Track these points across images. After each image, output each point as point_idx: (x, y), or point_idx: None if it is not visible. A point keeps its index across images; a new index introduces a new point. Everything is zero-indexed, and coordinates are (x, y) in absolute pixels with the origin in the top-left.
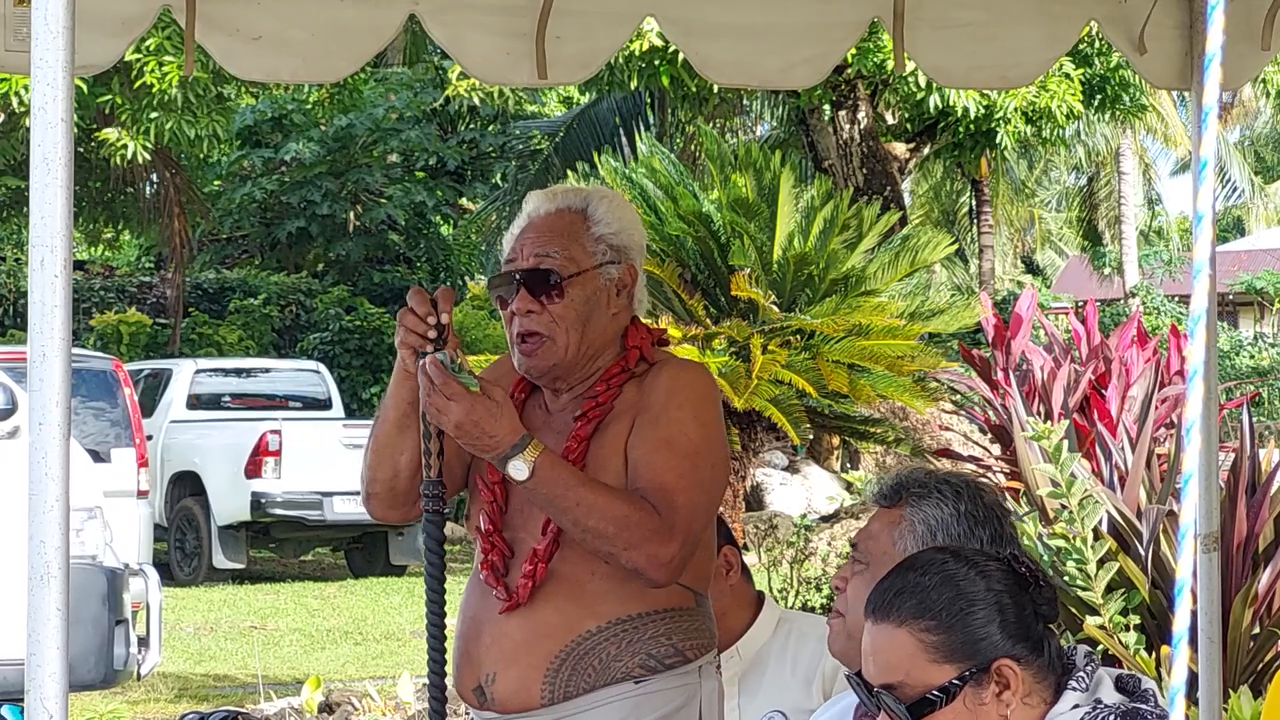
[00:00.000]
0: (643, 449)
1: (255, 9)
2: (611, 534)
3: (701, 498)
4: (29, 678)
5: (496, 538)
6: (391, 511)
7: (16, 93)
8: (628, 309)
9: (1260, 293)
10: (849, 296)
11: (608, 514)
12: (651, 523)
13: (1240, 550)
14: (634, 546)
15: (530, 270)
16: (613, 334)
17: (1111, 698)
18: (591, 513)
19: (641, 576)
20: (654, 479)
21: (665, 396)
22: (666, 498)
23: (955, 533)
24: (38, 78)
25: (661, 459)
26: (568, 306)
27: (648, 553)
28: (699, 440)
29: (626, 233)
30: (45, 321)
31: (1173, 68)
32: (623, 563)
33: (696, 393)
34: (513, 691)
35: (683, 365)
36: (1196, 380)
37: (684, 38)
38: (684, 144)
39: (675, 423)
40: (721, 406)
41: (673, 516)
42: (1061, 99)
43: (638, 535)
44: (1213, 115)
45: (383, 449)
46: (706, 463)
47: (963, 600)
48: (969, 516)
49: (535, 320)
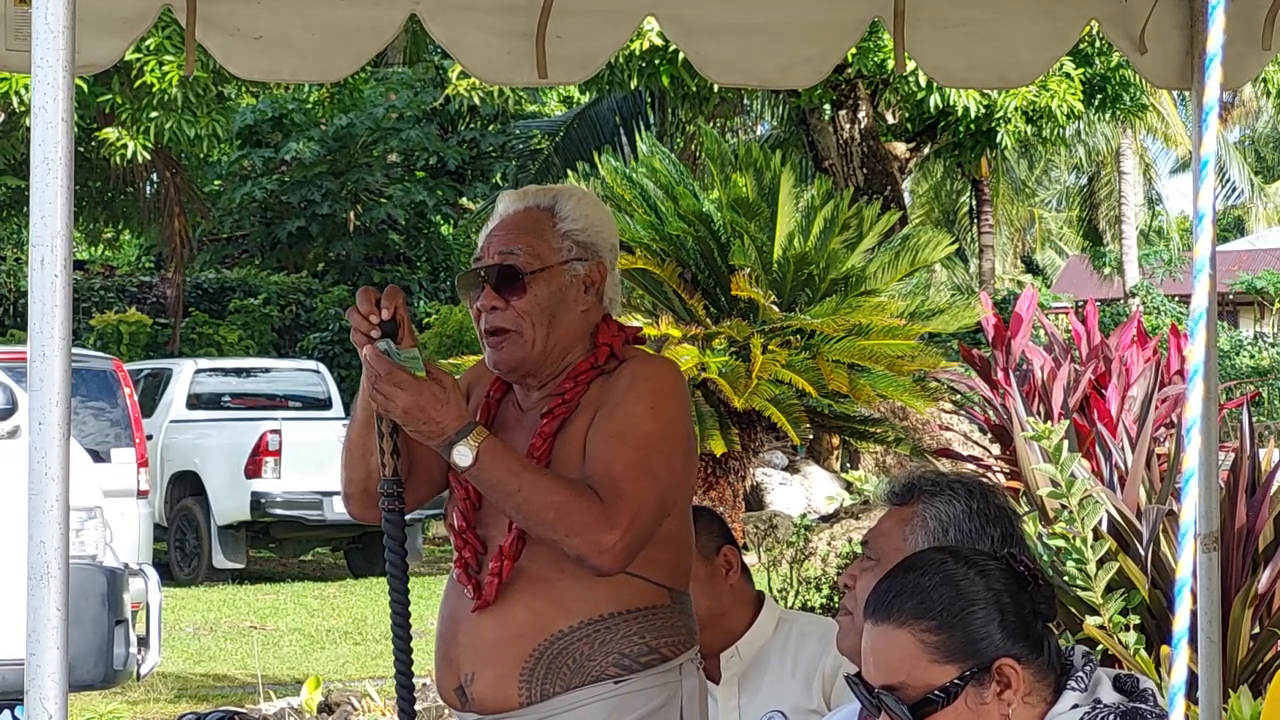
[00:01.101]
0: (596, 440)
1: (256, 8)
2: (552, 519)
3: (651, 488)
4: (29, 678)
5: (469, 534)
6: (369, 512)
7: (16, 92)
8: (597, 306)
9: (1260, 293)
10: (849, 296)
11: (547, 500)
12: (592, 509)
13: (1240, 550)
14: (574, 533)
15: (494, 267)
16: (581, 330)
17: (1111, 697)
18: (532, 498)
19: (585, 563)
20: (602, 468)
21: (625, 390)
22: (612, 485)
23: (967, 529)
24: (38, 77)
25: (612, 449)
26: (532, 302)
27: (588, 539)
28: (654, 432)
29: (594, 230)
30: (45, 321)
31: (1173, 67)
32: (566, 550)
33: (656, 386)
34: (491, 692)
35: (648, 360)
36: (1196, 380)
37: (684, 37)
38: (684, 144)
39: (630, 415)
40: (687, 401)
41: (616, 503)
42: (1062, 98)
43: (578, 521)
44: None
45: (354, 449)
46: (661, 454)
47: (963, 600)
48: (980, 514)
49: (501, 316)
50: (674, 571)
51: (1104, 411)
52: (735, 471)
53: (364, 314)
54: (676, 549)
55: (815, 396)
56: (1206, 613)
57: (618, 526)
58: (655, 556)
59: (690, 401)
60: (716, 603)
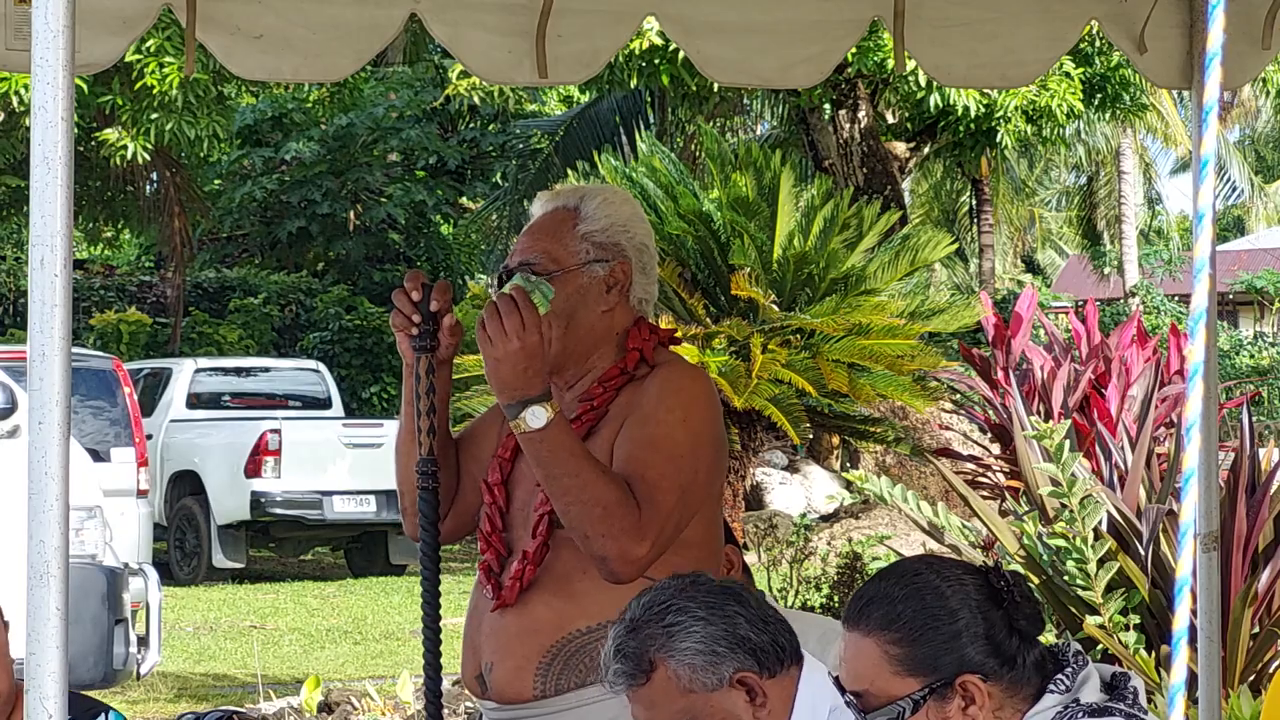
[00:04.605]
0: (628, 446)
1: (256, 7)
2: (596, 515)
3: (678, 501)
4: (29, 677)
5: (495, 538)
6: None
7: (16, 92)
8: (623, 306)
9: (1260, 292)
10: (849, 296)
11: (600, 495)
12: (632, 518)
13: (1240, 550)
14: (610, 536)
15: (512, 269)
16: (604, 331)
17: (1091, 697)
18: (586, 488)
19: (606, 566)
20: (637, 473)
21: (657, 399)
22: (649, 496)
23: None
24: (38, 77)
25: (646, 456)
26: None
27: (621, 546)
28: (686, 445)
29: (618, 230)
30: (45, 321)
31: (1173, 67)
32: (594, 548)
33: (689, 396)
34: (507, 682)
35: (680, 368)
36: (1196, 380)
37: (685, 36)
38: (684, 143)
39: (663, 425)
40: (719, 413)
41: (651, 516)
42: (1062, 98)
43: (618, 527)
44: (1213, 115)
45: (401, 459)
46: (691, 468)
47: (927, 614)
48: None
49: None
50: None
51: (1104, 411)
52: (735, 471)
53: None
54: (703, 555)
55: (815, 396)
56: (1206, 613)
57: (648, 539)
58: (678, 562)
59: (719, 408)
60: None
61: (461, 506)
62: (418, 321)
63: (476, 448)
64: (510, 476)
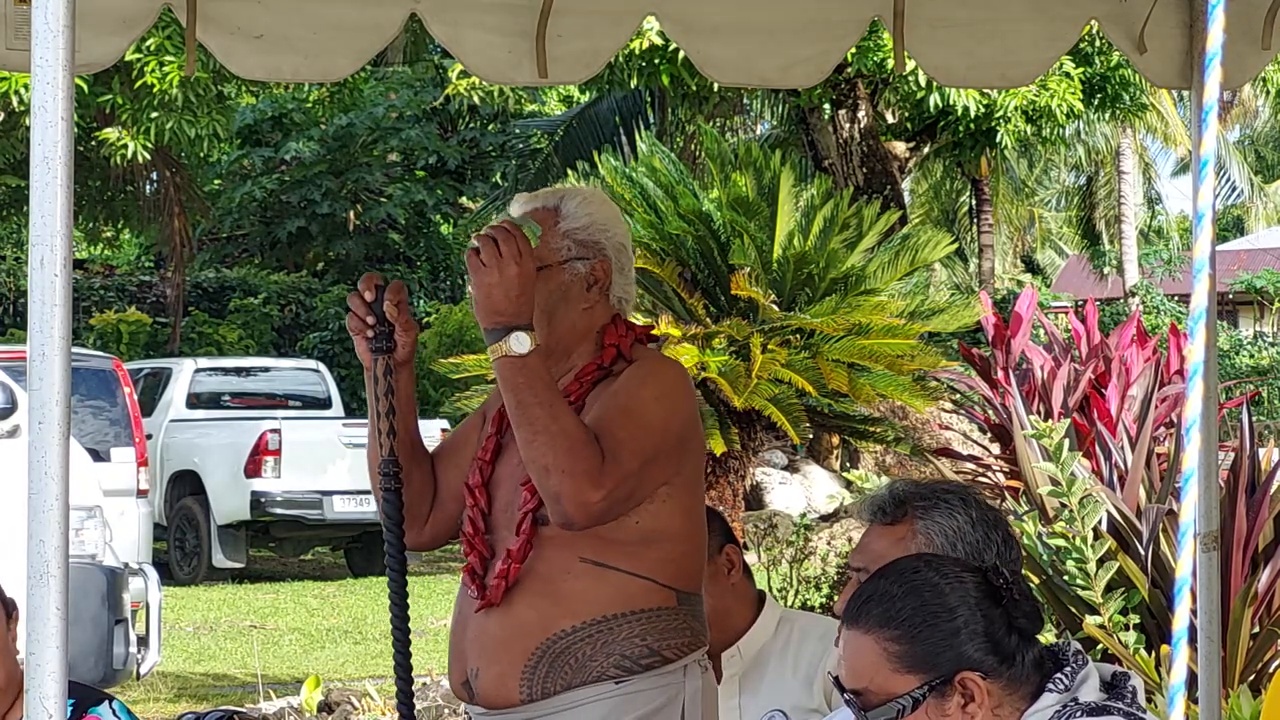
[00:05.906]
0: (599, 410)
1: (256, 7)
2: (562, 448)
3: (640, 467)
4: (29, 677)
5: (478, 540)
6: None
7: (16, 91)
8: (603, 304)
9: (1260, 292)
10: (849, 295)
11: (568, 429)
12: (594, 461)
13: (1240, 550)
14: (570, 473)
15: None
16: (585, 328)
17: (1090, 696)
18: (556, 419)
19: (557, 506)
20: (606, 430)
21: (633, 378)
22: (614, 451)
23: (973, 540)
24: (38, 76)
25: (617, 418)
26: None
27: (578, 485)
28: (657, 417)
29: (597, 228)
30: (45, 321)
31: (1173, 67)
32: (550, 484)
33: (666, 380)
34: (493, 688)
35: (658, 359)
36: (1196, 379)
37: (685, 36)
38: (684, 143)
39: (637, 398)
40: (695, 404)
41: (613, 469)
42: (1062, 98)
43: (580, 465)
44: (1213, 115)
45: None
46: (659, 440)
47: (926, 611)
48: (982, 522)
49: None
50: (681, 573)
51: (1104, 411)
52: (735, 471)
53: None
54: (686, 550)
55: (815, 396)
56: (1206, 612)
57: (603, 488)
58: (663, 557)
59: (696, 404)
60: (719, 602)
61: (441, 515)
62: (373, 324)
63: (458, 455)
64: (491, 479)
